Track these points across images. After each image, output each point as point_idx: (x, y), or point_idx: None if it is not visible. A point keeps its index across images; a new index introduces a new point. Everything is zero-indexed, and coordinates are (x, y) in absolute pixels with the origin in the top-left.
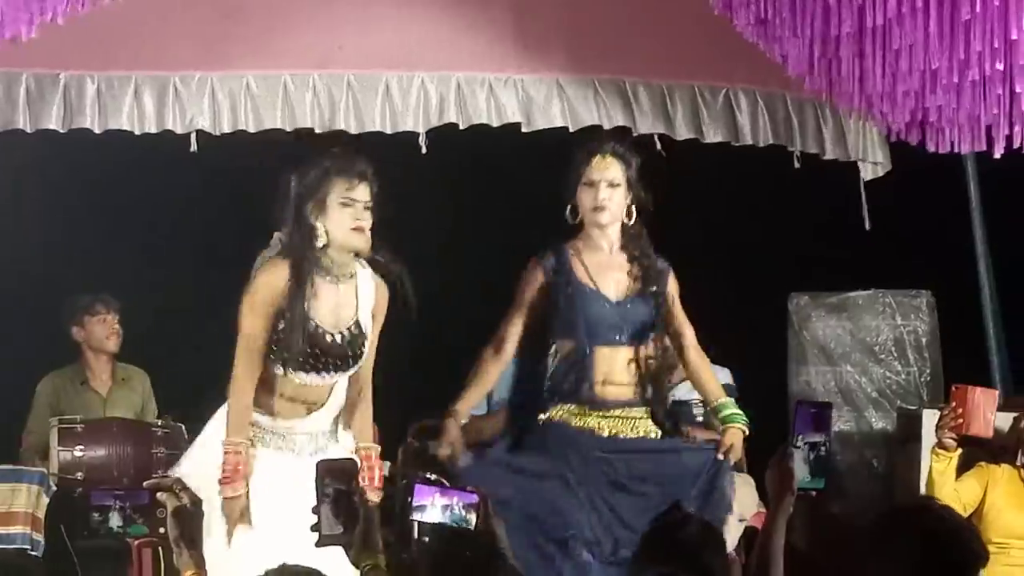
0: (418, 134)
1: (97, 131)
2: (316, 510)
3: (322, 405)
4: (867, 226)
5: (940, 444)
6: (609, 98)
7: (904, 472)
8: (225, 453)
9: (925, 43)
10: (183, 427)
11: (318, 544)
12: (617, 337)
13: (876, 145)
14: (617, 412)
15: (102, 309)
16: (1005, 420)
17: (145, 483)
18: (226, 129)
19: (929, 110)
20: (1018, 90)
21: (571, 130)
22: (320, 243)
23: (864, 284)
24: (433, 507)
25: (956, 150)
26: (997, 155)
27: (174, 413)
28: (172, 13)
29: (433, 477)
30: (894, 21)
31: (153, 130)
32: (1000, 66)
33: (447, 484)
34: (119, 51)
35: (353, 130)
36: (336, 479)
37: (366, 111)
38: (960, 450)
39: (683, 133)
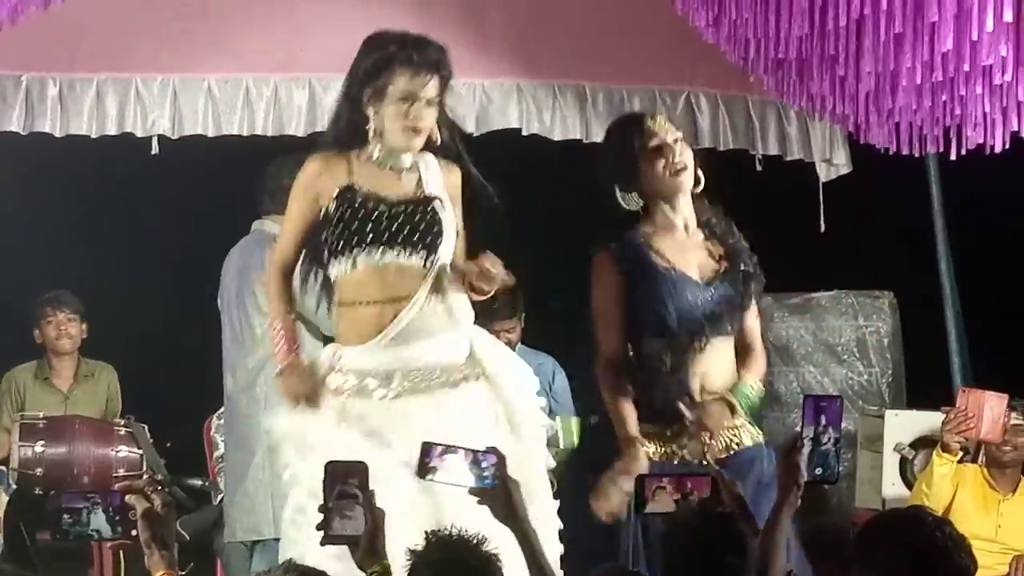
0: None
1: (58, 134)
2: (324, 509)
3: (413, 295)
4: (822, 228)
5: (945, 447)
6: (566, 103)
7: (867, 473)
8: (272, 331)
9: (888, 44)
10: (145, 427)
11: (323, 543)
12: (710, 329)
13: (837, 146)
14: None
15: (50, 312)
16: None
17: (116, 485)
18: (187, 132)
19: (892, 111)
20: (979, 91)
21: (524, 133)
22: (369, 135)
23: (826, 285)
24: (453, 467)
25: (917, 151)
26: (953, 156)
27: (138, 413)
28: (135, 15)
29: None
30: (858, 22)
31: (114, 132)
32: (965, 67)
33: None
34: (81, 53)
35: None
36: (346, 480)
37: (328, 114)
38: (961, 453)
39: None
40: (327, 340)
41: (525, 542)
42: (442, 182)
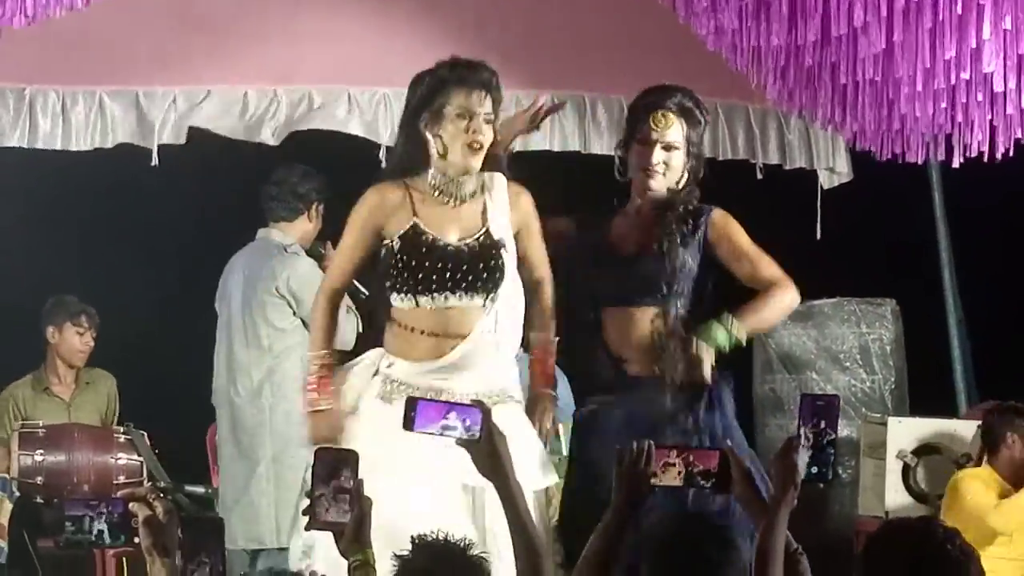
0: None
1: (59, 145)
2: (311, 494)
3: (468, 336)
4: (818, 235)
5: None
6: (565, 114)
7: (870, 480)
8: (310, 366)
9: (889, 52)
10: (144, 434)
11: (307, 528)
12: (632, 297)
13: (839, 154)
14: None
15: (85, 323)
16: (968, 428)
17: (119, 492)
18: (188, 142)
19: (893, 118)
20: (980, 98)
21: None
22: (435, 156)
23: (829, 292)
24: (438, 424)
25: (919, 159)
26: (956, 164)
27: (139, 421)
28: (136, 27)
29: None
30: (859, 30)
31: (115, 143)
32: (965, 75)
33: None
34: (83, 65)
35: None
36: (336, 467)
37: (329, 124)
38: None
39: None
40: None
41: (508, 498)
42: (507, 207)
